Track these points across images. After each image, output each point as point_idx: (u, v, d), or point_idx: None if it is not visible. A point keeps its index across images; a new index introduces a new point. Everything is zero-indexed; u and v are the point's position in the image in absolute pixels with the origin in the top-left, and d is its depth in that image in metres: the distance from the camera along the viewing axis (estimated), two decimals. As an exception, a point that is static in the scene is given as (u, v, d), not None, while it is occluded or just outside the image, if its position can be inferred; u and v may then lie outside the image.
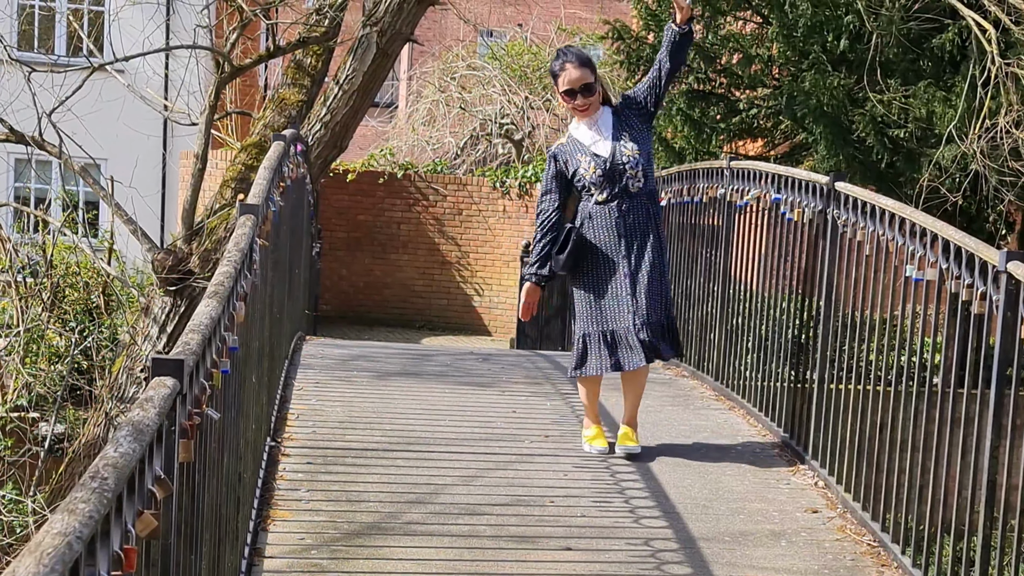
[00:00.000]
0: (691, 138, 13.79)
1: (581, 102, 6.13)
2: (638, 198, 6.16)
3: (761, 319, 7.52)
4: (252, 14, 10.58)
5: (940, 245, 5.12)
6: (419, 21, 11.30)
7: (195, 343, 3.17)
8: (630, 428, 6.43)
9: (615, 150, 6.13)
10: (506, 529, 5.30)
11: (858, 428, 5.90)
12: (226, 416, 3.97)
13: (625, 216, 6.15)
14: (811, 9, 12.48)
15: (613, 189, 6.14)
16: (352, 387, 7.84)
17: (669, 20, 6.18)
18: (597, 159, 6.14)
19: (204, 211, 10.84)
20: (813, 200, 6.57)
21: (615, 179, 6.13)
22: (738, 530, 5.46)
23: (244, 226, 4.70)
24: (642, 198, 6.17)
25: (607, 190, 6.14)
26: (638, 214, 6.16)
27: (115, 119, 16.03)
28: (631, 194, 6.15)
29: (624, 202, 6.15)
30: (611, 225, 6.16)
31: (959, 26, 11.64)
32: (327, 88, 11.15)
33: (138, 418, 2.49)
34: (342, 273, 18.94)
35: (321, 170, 11.64)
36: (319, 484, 5.78)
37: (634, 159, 6.12)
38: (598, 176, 6.13)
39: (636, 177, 6.13)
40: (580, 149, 6.20)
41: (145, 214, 13.20)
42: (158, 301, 10.52)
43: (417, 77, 23.02)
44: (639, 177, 6.14)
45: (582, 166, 6.17)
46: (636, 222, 6.16)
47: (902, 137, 12.02)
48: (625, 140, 6.14)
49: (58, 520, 1.89)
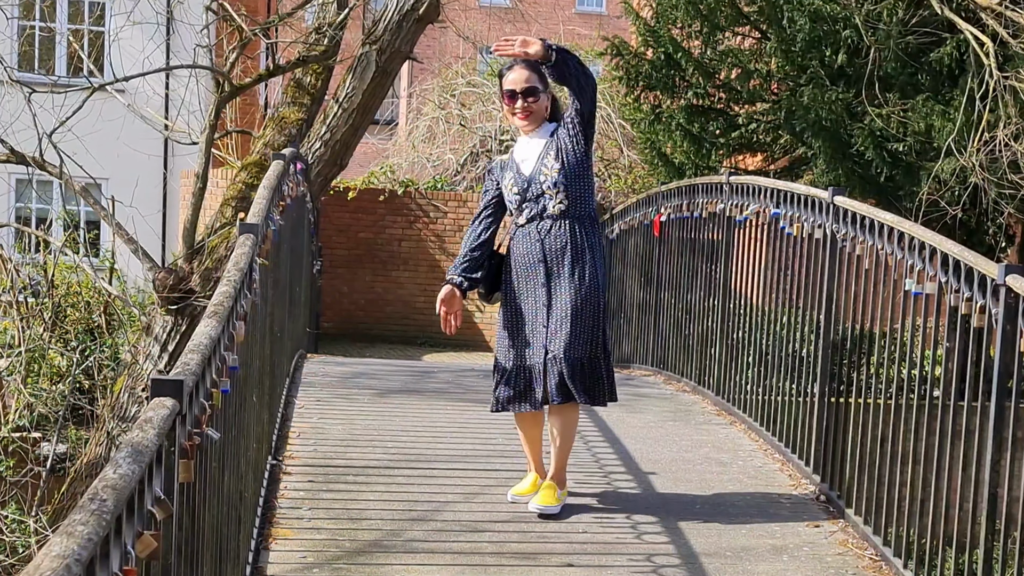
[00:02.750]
0: (691, 153, 13.81)
1: (522, 105, 5.58)
2: (561, 222, 5.55)
3: (762, 333, 7.52)
4: (252, 33, 10.61)
5: (939, 259, 5.13)
6: (418, 39, 11.32)
7: (195, 363, 3.18)
8: (551, 483, 5.72)
9: (537, 169, 5.59)
10: (508, 546, 5.29)
11: (859, 441, 5.90)
12: (227, 435, 3.97)
13: (544, 240, 5.56)
14: (809, 24, 12.50)
15: (532, 211, 5.59)
16: (353, 405, 7.84)
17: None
18: (519, 177, 5.64)
19: (205, 230, 10.85)
20: (813, 215, 6.57)
21: (533, 200, 5.58)
22: (740, 545, 5.46)
23: (244, 245, 4.71)
24: (567, 222, 5.55)
25: (526, 212, 5.60)
26: (560, 239, 5.55)
27: (115, 139, 16.05)
28: (552, 217, 5.56)
29: (543, 225, 5.57)
30: (530, 250, 5.60)
31: (957, 40, 11.66)
32: (327, 106, 11.17)
33: (137, 439, 2.49)
34: (343, 290, 18.94)
35: (322, 188, 11.66)
36: (321, 502, 5.78)
37: (552, 179, 5.53)
38: (515, 195, 5.62)
39: (556, 199, 5.55)
40: (511, 166, 5.71)
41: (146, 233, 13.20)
42: (159, 320, 10.53)
43: (417, 94, 23.05)
44: (560, 199, 5.55)
45: (505, 183, 5.69)
46: (558, 248, 5.55)
47: (901, 151, 12.03)
48: (550, 159, 5.56)
49: (57, 542, 1.89)
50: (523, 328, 5.59)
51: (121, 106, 11.81)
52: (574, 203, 5.57)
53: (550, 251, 5.56)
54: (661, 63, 13.93)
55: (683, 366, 8.98)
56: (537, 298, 5.57)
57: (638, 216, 10.44)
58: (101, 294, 13.09)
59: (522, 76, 5.56)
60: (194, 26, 12.03)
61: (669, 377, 9.27)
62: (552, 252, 5.55)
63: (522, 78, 5.55)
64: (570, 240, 5.55)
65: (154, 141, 18.00)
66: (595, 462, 6.69)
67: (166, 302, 10.30)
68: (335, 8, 11.16)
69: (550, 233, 5.56)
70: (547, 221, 5.56)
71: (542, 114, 5.64)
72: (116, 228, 10.44)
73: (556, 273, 5.54)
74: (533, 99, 5.58)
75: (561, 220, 5.56)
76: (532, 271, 5.58)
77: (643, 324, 10.15)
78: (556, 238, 5.55)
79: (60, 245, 11.92)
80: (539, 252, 5.57)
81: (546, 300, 5.55)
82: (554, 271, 5.55)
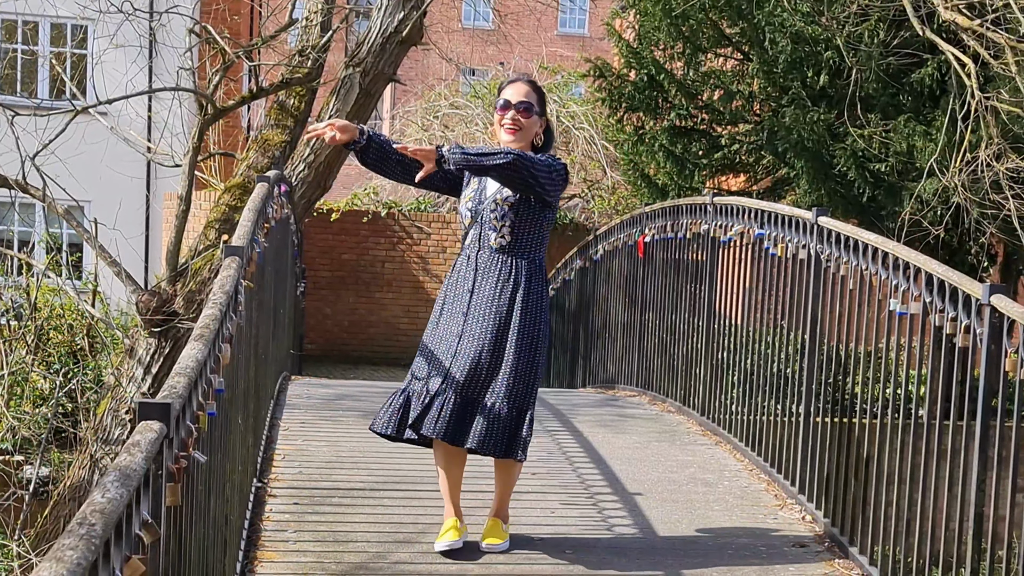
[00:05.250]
0: (673, 174, 13.86)
1: (512, 116, 5.31)
2: (501, 257, 5.26)
3: (746, 354, 7.54)
4: (235, 56, 10.61)
5: (924, 279, 5.15)
6: (401, 61, 11.34)
7: (181, 386, 3.17)
8: (496, 520, 5.53)
9: (495, 192, 5.29)
10: (494, 568, 5.28)
11: (844, 462, 5.91)
12: (213, 458, 3.96)
13: (477, 271, 5.27)
14: (791, 45, 12.57)
15: (475, 233, 5.32)
16: (338, 427, 7.82)
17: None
18: (476, 193, 5.37)
19: (188, 252, 10.83)
20: (797, 235, 6.59)
21: (479, 223, 5.31)
22: (726, 566, 5.45)
23: (229, 268, 4.70)
24: (508, 260, 5.25)
25: (472, 231, 5.34)
26: (494, 277, 5.25)
27: (98, 161, 16.03)
28: (492, 248, 5.27)
29: (481, 253, 5.29)
30: (463, 275, 5.31)
31: (938, 61, 11.73)
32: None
33: (125, 463, 2.48)
34: (326, 312, 18.93)
35: (305, 210, 11.66)
36: (306, 525, 5.76)
37: (503, 209, 5.24)
38: (467, 210, 5.35)
39: (499, 231, 5.25)
40: (478, 178, 5.41)
41: (129, 255, 13.19)
42: (143, 342, 10.49)
43: (400, 116, 23.08)
44: (503, 233, 5.24)
45: (465, 192, 5.42)
46: (486, 284, 5.25)
47: (883, 171, 12.09)
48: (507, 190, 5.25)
49: (46, 568, 1.88)
50: (434, 352, 5.27)
51: (103, 128, 11.79)
52: (518, 241, 5.27)
53: (482, 286, 5.25)
54: (644, 84, 14.00)
55: (668, 387, 8.98)
56: (454, 327, 5.24)
57: (622, 237, 10.46)
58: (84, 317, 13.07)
59: (521, 90, 5.36)
60: (177, 49, 12.03)
61: (654, 398, 9.27)
62: (483, 288, 5.25)
63: (520, 91, 5.36)
64: (504, 282, 5.24)
65: (137, 164, 17.99)
66: (580, 483, 6.67)
67: (149, 324, 10.26)
68: (318, 30, 11.17)
69: (487, 266, 5.26)
70: (485, 251, 5.29)
71: (530, 136, 5.37)
72: (99, 250, 10.41)
73: (478, 310, 5.22)
74: (526, 113, 5.33)
75: (503, 255, 5.26)
76: (458, 299, 5.28)
77: (627, 345, 10.15)
78: (492, 273, 5.25)
79: (43, 268, 11.89)
80: (470, 281, 5.28)
81: (458, 330, 5.22)
82: (480, 309, 5.22)
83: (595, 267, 11.48)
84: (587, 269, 11.87)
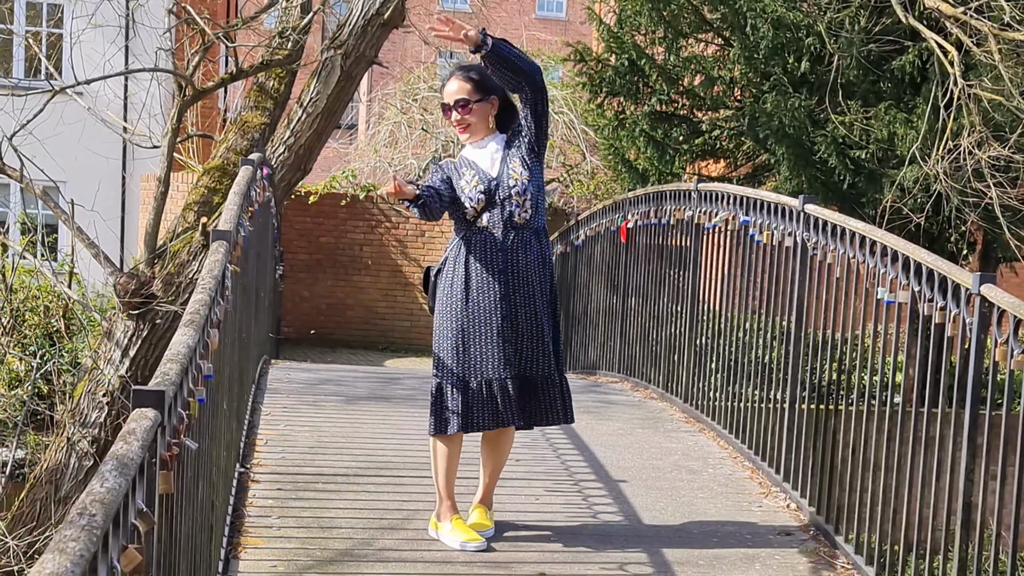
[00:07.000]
0: (654, 159, 13.83)
1: (455, 118, 5.34)
2: (524, 233, 5.28)
3: (727, 341, 7.53)
4: (214, 37, 10.53)
5: (912, 267, 5.14)
6: (383, 43, 11.27)
7: (174, 373, 3.13)
8: (483, 507, 5.52)
9: (503, 171, 5.29)
10: (480, 555, 5.26)
11: (829, 449, 5.91)
12: (201, 444, 3.93)
13: (507, 251, 5.26)
14: (772, 31, 12.56)
15: (494, 215, 5.27)
16: (320, 412, 7.79)
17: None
18: (482, 174, 5.30)
19: (167, 234, 10.76)
20: (783, 223, 6.58)
21: (498, 202, 5.27)
22: (712, 553, 5.45)
23: (217, 252, 4.66)
24: (529, 233, 5.29)
25: (487, 213, 5.28)
26: (524, 251, 5.28)
27: (75, 142, 15.91)
28: (516, 225, 5.26)
29: (508, 233, 5.27)
30: (491, 258, 5.26)
31: (920, 48, 11.74)
32: (291, 111, 11.09)
33: (122, 451, 2.45)
34: (304, 295, 18.86)
35: (285, 193, 11.58)
36: (290, 510, 5.72)
37: (523, 184, 5.26)
38: (479, 192, 5.27)
39: (523, 206, 5.27)
40: (467, 164, 5.37)
41: (106, 236, 13.08)
42: (120, 325, 10.42)
43: (378, 99, 23.00)
44: (526, 207, 5.27)
45: (464, 178, 5.32)
46: (519, 260, 5.27)
47: (864, 158, 12.10)
48: (515, 164, 5.29)
49: (50, 560, 1.85)
50: (473, 342, 5.24)
51: (80, 109, 11.70)
52: (536, 214, 5.33)
53: (515, 263, 5.26)
54: (624, 69, 13.96)
55: (651, 373, 8.97)
56: (496, 312, 5.23)
57: (605, 222, 10.43)
58: (60, 298, 12.98)
59: (452, 88, 5.34)
60: (155, 29, 11.94)
61: (636, 384, 9.26)
62: (516, 264, 5.26)
63: (452, 90, 5.34)
64: (534, 254, 5.29)
65: (114, 144, 17.89)
66: (565, 470, 6.66)
67: (127, 307, 10.20)
68: (298, 12, 11.09)
69: (517, 244, 5.27)
70: (511, 229, 5.27)
71: (484, 121, 5.37)
72: (76, 232, 10.33)
73: (521, 287, 5.25)
74: (464, 110, 5.31)
75: (525, 231, 5.29)
76: (492, 282, 5.25)
77: (609, 331, 10.13)
78: (522, 250, 5.28)
79: (19, 249, 11.80)
80: (501, 261, 5.26)
81: (505, 312, 5.23)
82: (518, 285, 5.25)
83: (576, 252, 11.46)
84: (568, 254, 11.84)
